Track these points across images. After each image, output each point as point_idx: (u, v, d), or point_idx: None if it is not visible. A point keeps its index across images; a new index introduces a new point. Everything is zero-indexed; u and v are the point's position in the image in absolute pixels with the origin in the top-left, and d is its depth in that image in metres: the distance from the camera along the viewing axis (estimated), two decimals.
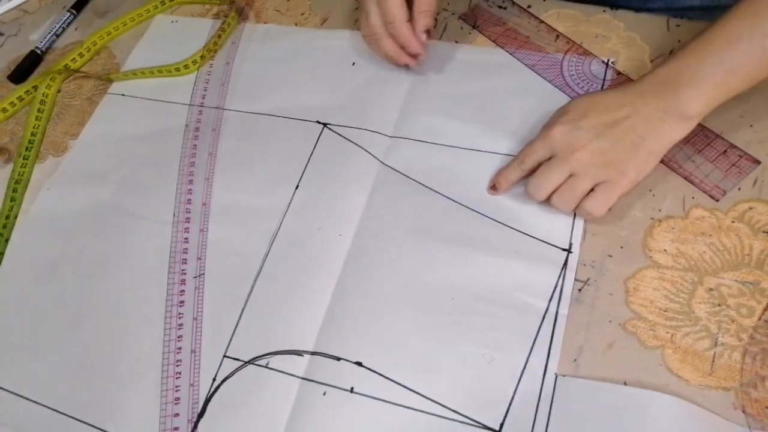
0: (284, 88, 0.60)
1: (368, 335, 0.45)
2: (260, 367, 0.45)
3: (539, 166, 0.47)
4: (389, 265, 0.48)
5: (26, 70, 0.67)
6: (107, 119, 0.62)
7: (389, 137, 0.55)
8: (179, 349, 0.47)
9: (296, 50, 0.62)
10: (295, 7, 0.66)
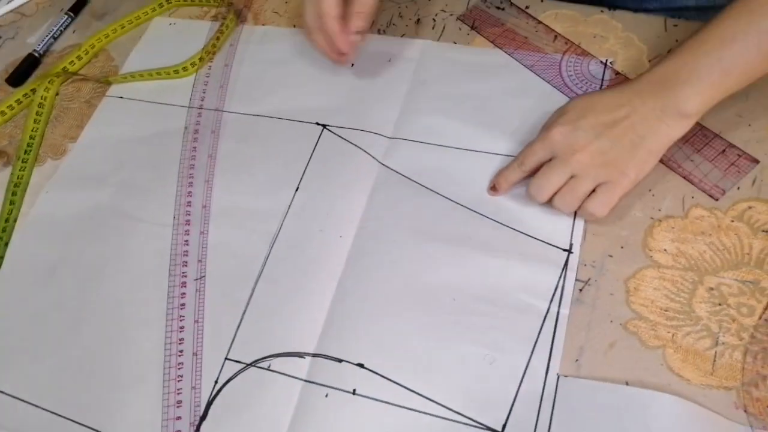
0: (283, 89, 0.60)
1: (370, 337, 0.45)
2: (262, 369, 0.45)
3: (539, 166, 0.47)
4: (390, 266, 0.48)
5: (24, 73, 0.67)
6: (106, 122, 0.62)
7: (389, 138, 0.55)
8: (181, 351, 0.47)
9: (295, 52, 0.62)
10: (293, 8, 0.66)
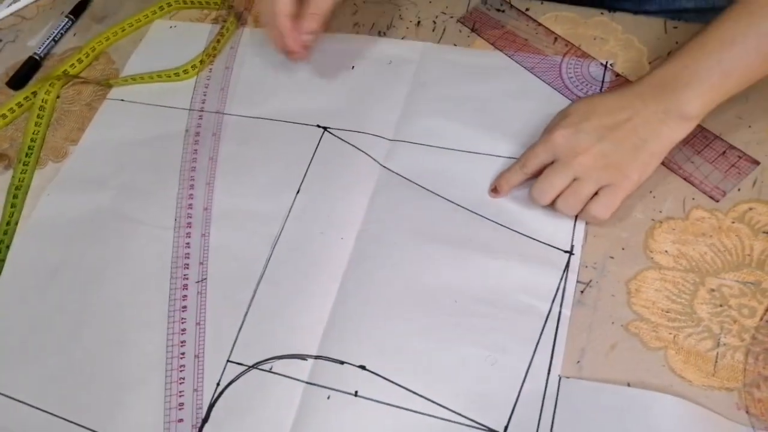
0: (284, 92, 0.60)
1: (371, 339, 0.45)
2: (264, 371, 0.45)
3: (541, 169, 0.47)
4: (391, 268, 0.48)
5: (25, 76, 0.67)
6: (107, 124, 0.62)
7: (389, 140, 0.55)
8: (182, 354, 0.47)
9: None
10: None
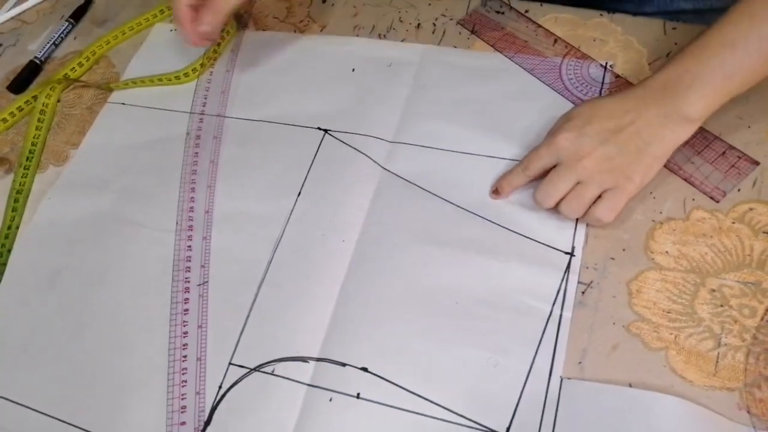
0: (284, 95, 0.60)
1: (373, 341, 0.45)
2: (266, 374, 0.45)
3: (543, 172, 0.47)
4: (393, 270, 0.48)
5: (25, 80, 0.67)
6: (108, 128, 0.62)
7: (390, 142, 0.55)
8: (185, 357, 0.47)
9: (295, 57, 0.63)
10: (293, 14, 0.67)
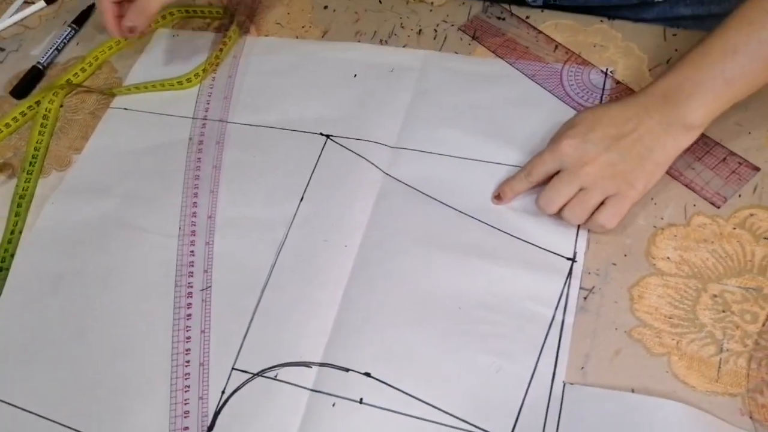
0: (287, 100, 0.60)
1: (376, 346, 0.45)
2: (269, 379, 0.45)
3: (545, 178, 0.48)
4: (395, 275, 0.48)
5: (28, 85, 0.67)
6: (110, 133, 0.62)
7: (392, 148, 0.55)
8: (188, 362, 0.47)
9: (297, 63, 0.63)
10: (295, 20, 0.67)
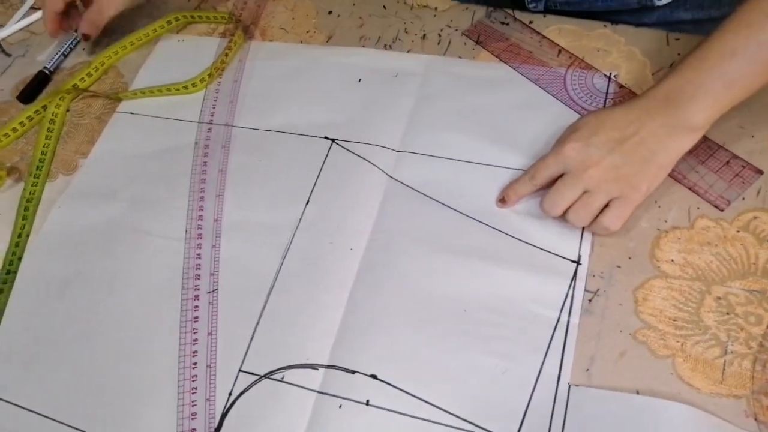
0: (292, 104, 0.61)
1: (382, 348, 0.46)
2: (276, 381, 0.46)
3: (549, 181, 0.48)
4: (401, 277, 0.49)
5: (35, 90, 0.67)
6: (116, 137, 0.63)
7: (396, 152, 0.55)
8: (195, 364, 0.47)
9: (302, 67, 0.63)
10: (300, 25, 0.67)
